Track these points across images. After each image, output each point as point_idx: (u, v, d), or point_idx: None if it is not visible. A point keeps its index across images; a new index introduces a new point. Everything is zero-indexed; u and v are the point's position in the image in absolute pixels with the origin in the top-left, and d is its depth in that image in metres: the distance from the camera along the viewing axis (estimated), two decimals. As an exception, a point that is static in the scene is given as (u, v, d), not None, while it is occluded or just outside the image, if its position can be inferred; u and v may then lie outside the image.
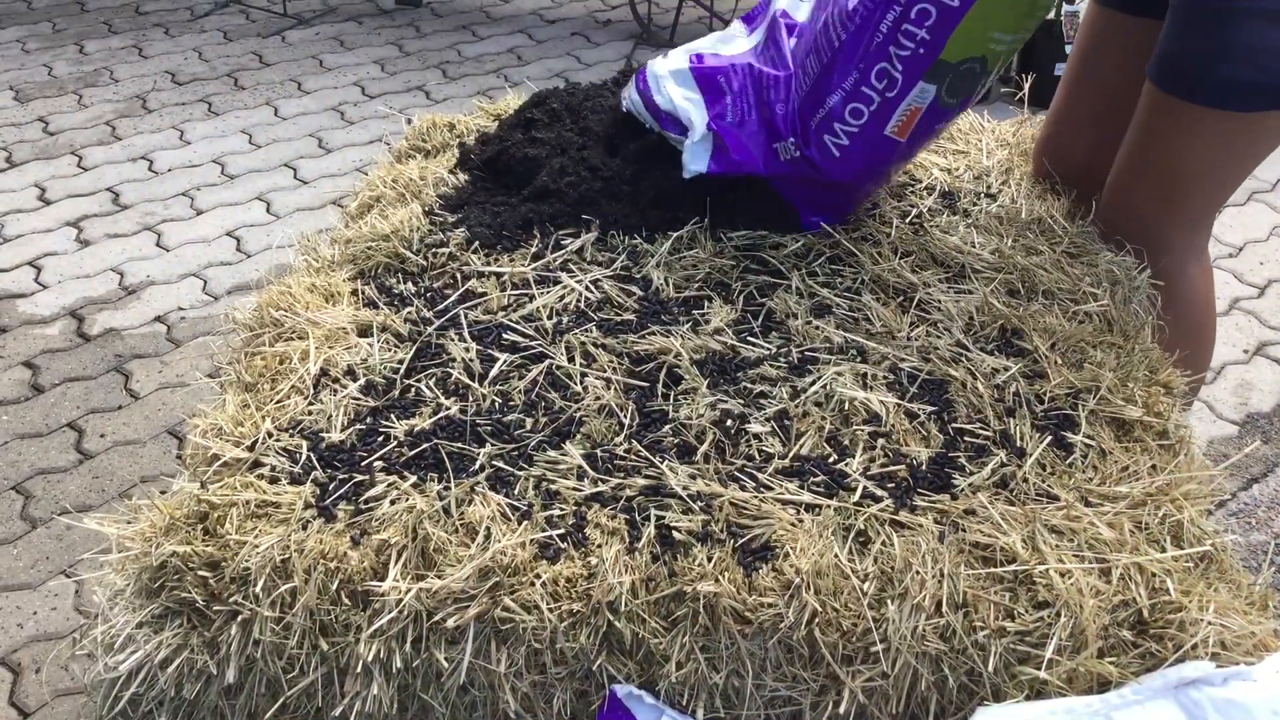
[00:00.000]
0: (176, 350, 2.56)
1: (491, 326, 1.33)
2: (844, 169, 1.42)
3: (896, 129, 1.37)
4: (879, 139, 1.38)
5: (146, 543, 1.08)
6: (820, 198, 1.48)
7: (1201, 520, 1.11)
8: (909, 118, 1.36)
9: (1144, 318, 1.46)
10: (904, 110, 1.36)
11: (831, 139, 1.40)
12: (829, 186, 1.45)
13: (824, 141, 1.40)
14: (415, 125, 1.87)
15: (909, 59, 1.32)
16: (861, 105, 1.37)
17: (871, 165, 1.42)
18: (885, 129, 1.37)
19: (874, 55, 1.34)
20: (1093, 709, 0.95)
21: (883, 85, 1.35)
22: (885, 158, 1.42)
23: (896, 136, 1.38)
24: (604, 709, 1.03)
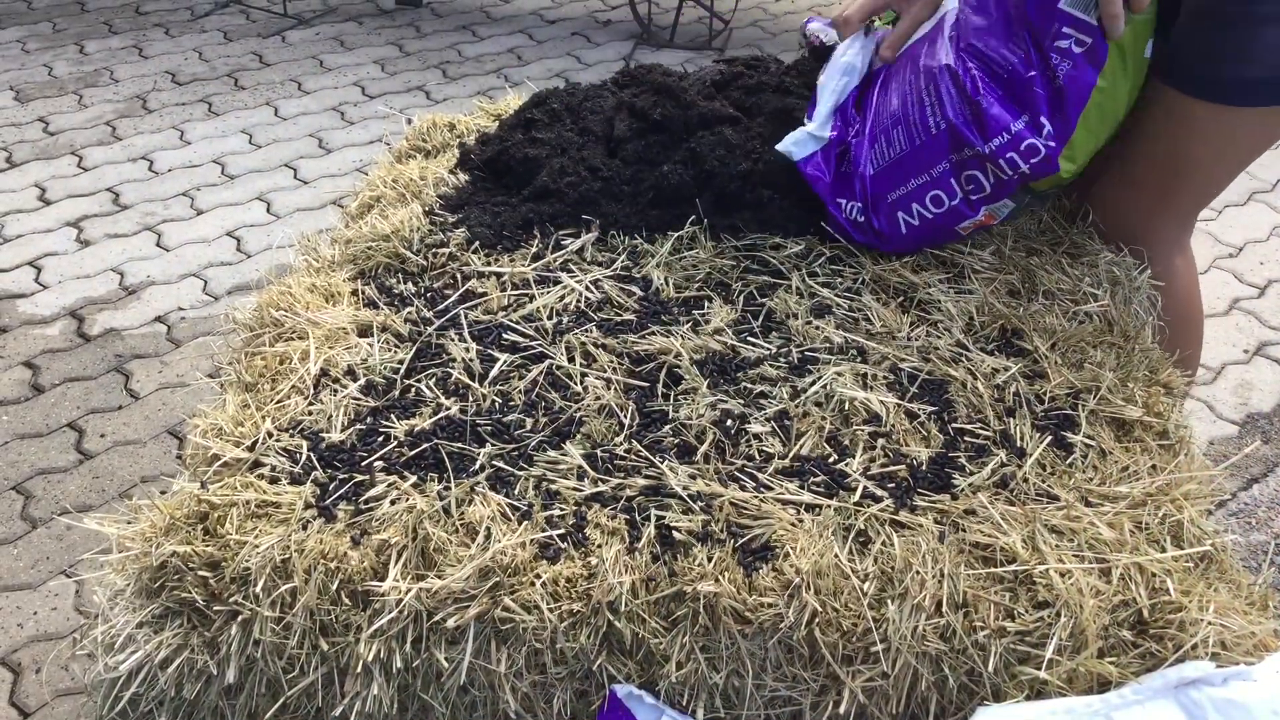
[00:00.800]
0: (176, 350, 2.56)
1: (491, 326, 1.33)
2: (904, 242, 1.44)
3: (970, 226, 1.40)
4: (949, 231, 1.41)
5: (146, 543, 1.08)
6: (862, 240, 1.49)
7: (1201, 520, 1.11)
8: (984, 220, 1.39)
9: (1144, 318, 1.46)
10: (982, 215, 1.38)
11: (905, 216, 1.41)
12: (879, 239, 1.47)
13: (896, 217, 1.41)
14: (415, 125, 1.87)
15: (1004, 181, 1.34)
16: (944, 195, 1.38)
17: (929, 242, 1.45)
18: (958, 225, 1.40)
19: (972, 162, 1.35)
20: (1093, 709, 0.95)
21: (970, 188, 1.36)
22: (946, 239, 1.45)
23: (963, 231, 1.41)
24: (604, 709, 1.03)
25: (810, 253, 1.47)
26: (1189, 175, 1.49)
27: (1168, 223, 1.56)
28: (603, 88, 1.75)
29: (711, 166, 1.49)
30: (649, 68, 1.75)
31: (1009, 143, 1.31)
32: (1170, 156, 1.48)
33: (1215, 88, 1.39)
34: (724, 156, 1.49)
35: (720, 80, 1.70)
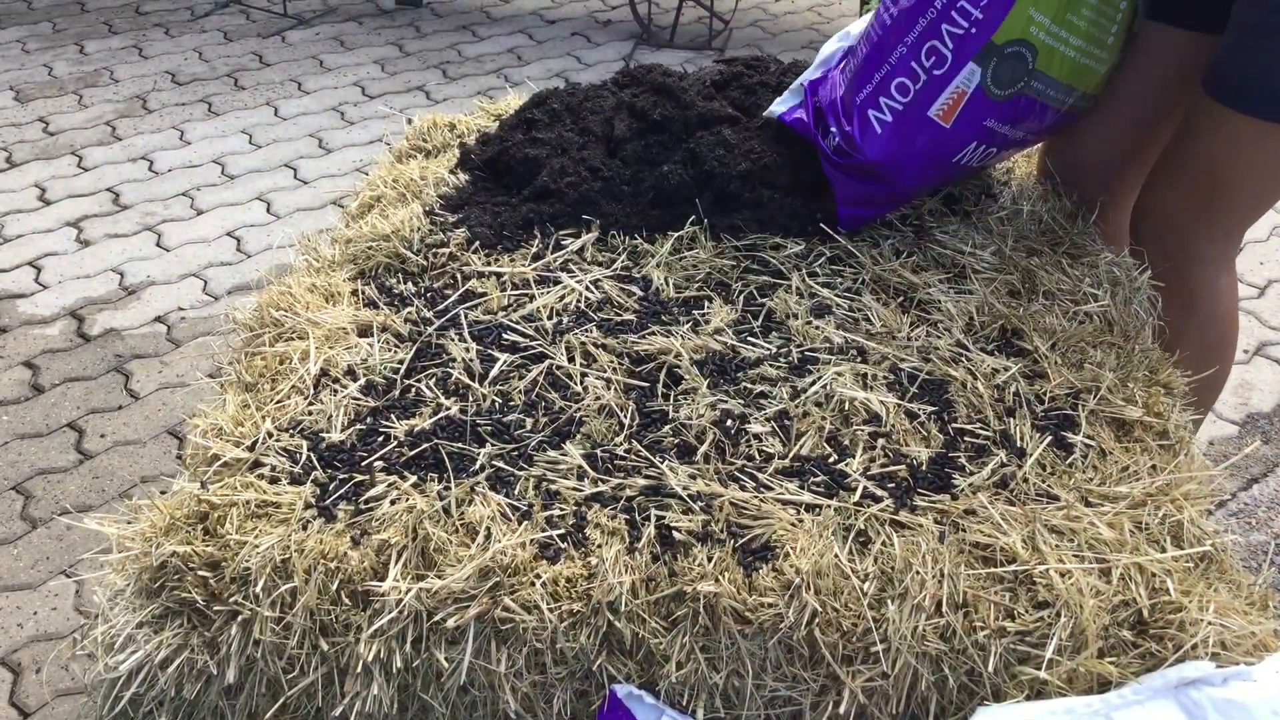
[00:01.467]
0: (176, 350, 2.56)
1: (491, 326, 1.33)
2: (884, 147, 1.40)
3: (941, 112, 1.36)
4: (922, 119, 1.37)
5: (146, 543, 1.08)
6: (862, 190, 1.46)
7: (1201, 520, 1.11)
8: (954, 101, 1.35)
9: (1144, 318, 1.46)
10: (951, 92, 1.34)
11: (875, 114, 1.38)
12: (871, 175, 1.43)
13: (867, 116, 1.39)
14: (415, 125, 1.87)
15: (961, 37, 1.32)
16: (908, 81, 1.36)
17: (912, 148, 1.40)
18: (930, 110, 1.36)
19: (926, 32, 1.33)
20: (1093, 709, 0.95)
21: (931, 63, 1.34)
22: (929, 143, 1.39)
23: (940, 120, 1.37)
24: (604, 709, 1.03)
25: (810, 253, 1.47)
26: (1237, 192, 1.48)
27: (1215, 239, 1.55)
28: (603, 88, 1.75)
29: (711, 166, 1.49)
30: (649, 68, 1.75)
31: None
32: (1219, 173, 1.47)
33: (1266, 104, 1.39)
34: (723, 156, 1.49)
35: (720, 80, 1.70)
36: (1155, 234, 1.57)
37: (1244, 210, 1.52)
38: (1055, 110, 1.44)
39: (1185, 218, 1.53)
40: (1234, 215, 1.53)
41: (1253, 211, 1.53)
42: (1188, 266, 1.55)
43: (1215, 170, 1.47)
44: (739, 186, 1.49)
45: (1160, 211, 1.56)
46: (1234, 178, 1.47)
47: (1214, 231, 1.54)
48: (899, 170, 1.42)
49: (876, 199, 1.47)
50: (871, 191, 1.45)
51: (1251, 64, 1.38)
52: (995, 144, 1.44)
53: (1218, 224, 1.53)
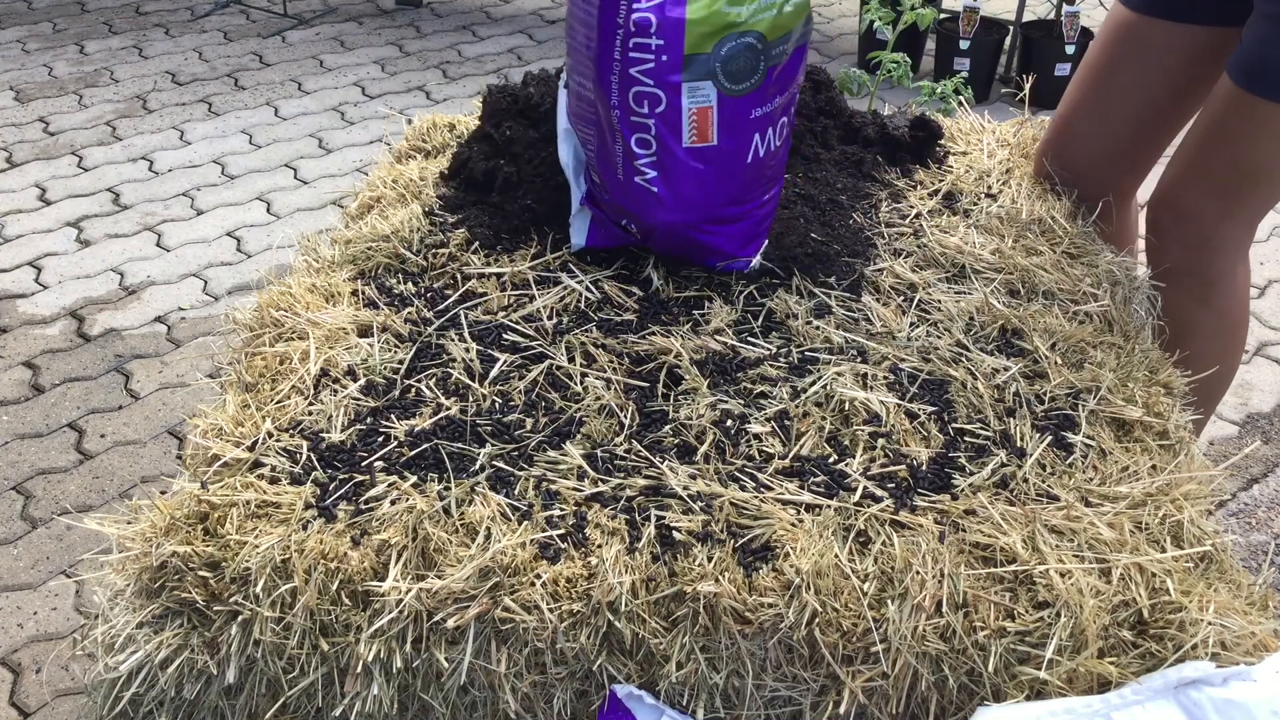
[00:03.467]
0: (177, 350, 2.56)
1: (491, 327, 1.33)
2: (682, 201, 1.33)
3: (695, 136, 1.29)
4: (684, 154, 1.30)
5: (147, 543, 1.08)
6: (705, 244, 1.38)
7: (1201, 520, 1.11)
8: (700, 120, 1.28)
9: (1144, 318, 1.46)
10: (690, 116, 1.28)
11: (641, 179, 1.32)
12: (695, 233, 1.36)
13: (636, 184, 1.32)
14: (415, 125, 1.87)
15: (654, 70, 1.25)
16: (644, 134, 1.30)
17: (706, 181, 1.32)
18: (683, 143, 1.29)
19: (625, 82, 1.27)
20: (1093, 709, 0.95)
21: (645, 108, 1.28)
22: (712, 168, 1.32)
23: (700, 144, 1.30)
24: (604, 709, 1.03)
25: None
26: (1262, 181, 1.49)
27: (1239, 226, 1.56)
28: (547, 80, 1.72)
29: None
30: None
31: (624, 30, 1.23)
32: (1249, 162, 1.47)
33: None
34: None
35: None
36: (1175, 224, 1.56)
37: (1267, 199, 1.53)
38: (803, 49, 1.36)
39: (1209, 207, 1.53)
40: (1258, 204, 1.53)
41: (1273, 198, 1.53)
42: (1206, 256, 1.55)
43: (1245, 159, 1.47)
44: None
45: (1183, 201, 1.55)
46: (1263, 167, 1.47)
47: (1236, 220, 1.55)
48: (699, 208, 1.35)
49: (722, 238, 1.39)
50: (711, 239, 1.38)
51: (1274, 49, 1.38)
52: (778, 118, 1.35)
53: (1241, 213, 1.54)
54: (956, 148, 1.79)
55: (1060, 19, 3.69)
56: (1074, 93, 1.69)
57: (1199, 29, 1.53)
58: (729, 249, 1.39)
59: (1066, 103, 1.70)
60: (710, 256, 1.40)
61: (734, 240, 1.39)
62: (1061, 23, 3.68)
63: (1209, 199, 1.53)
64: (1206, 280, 1.57)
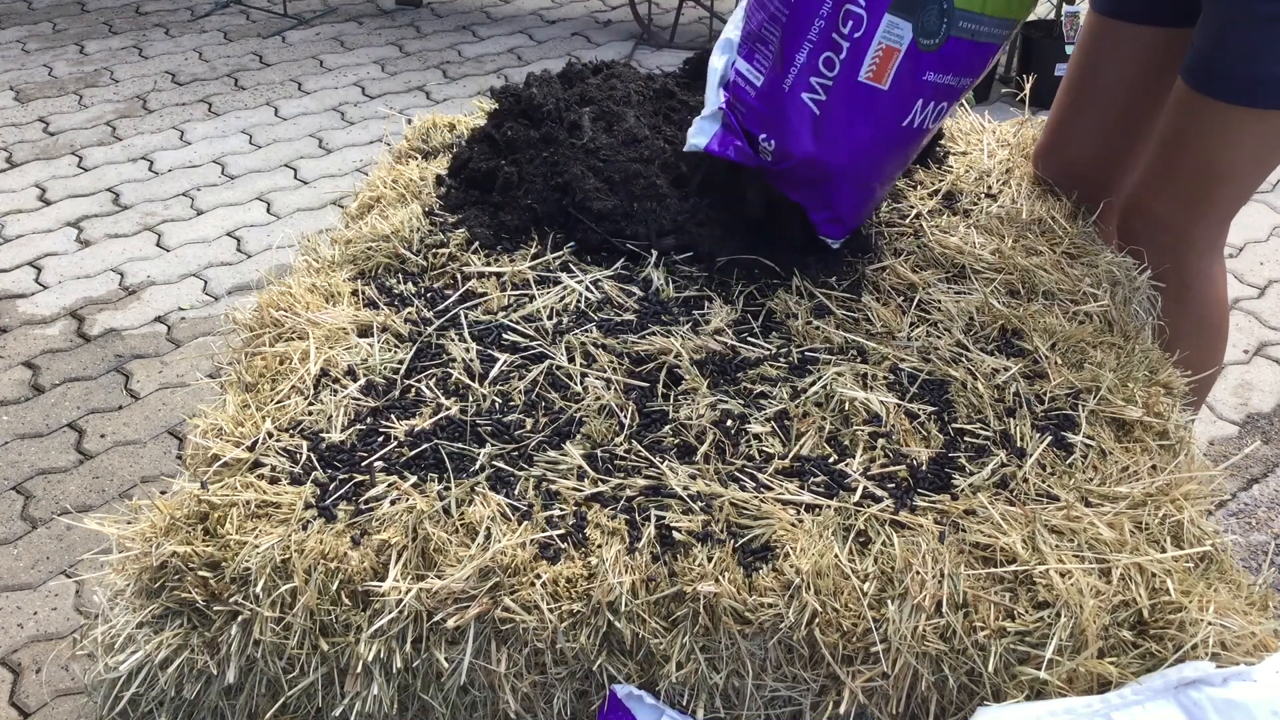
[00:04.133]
0: (177, 350, 2.56)
1: (491, 327, 1.33)
2: (825, 132, 1.33)
3: (872, 73, 1.29)
4: (856, 87, 1.30)
5: (147, 543, 1.08)
6: (826, 193, 1.39)
7: (1201, 520, 1.11)
8: (883, 59, 1.29)
9: (1144, 318, 1.46)
10: (876, 50, 1.28)
11: (809, 95, 1.31)
12: (825, 179, 1.37)
13: (801, 101, 1.32)
14: (416, 125, 1.87)
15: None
16: (832, 54, 1.29)
17: (855, 123, 1.33)
18: (860, 74, 1.29)
19: (839, 2, 1.27)
20: (1093, 709, 0.95)
21: (848, 28, 1.27)
22: (870, 110, 1.32)
23: (873, 82, 1.30)
24: (604, 709, 1.03)
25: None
26: (1226, 180, 1.49)
27: (1209, 228, 1.56)
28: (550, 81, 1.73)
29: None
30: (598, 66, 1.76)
31: None
32: (1210, 164, 1.47)
33: (1248, 91, 1.39)
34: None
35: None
36: (1149, 229, 1.57)
37: (1236, 197, 1.53)
38: (997, 47, 1.38)
39: (1178, 210, 1.53)
40: (1226, 203, 1.53)
41: (1242, 197, 1.54)
42: (1183, 258, 1.56)
43: (1207, 161, 1.47)
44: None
45: (1152, 206, 1.56)
46: (1225, 167, 1.47)
47: (1208, 221, 1.55)
48: (851, 158, 1.35)
49: (845, 194, 1.39)
50: (835, 190, 1.38)
51: (1230, 52, 1.38)
52: (942, 98, 1.37)
53: (1211, 214, 1.54)
54: (956, 148, 1.79)
55: (1060, 19, 3.69)
56: (1061, 98, 1.71)
57: (1159, 30, 1.54)
58: (836, 214, 1.39)
59: (1056, 107, 1.71)
60: (817, 209, 1.39)
61: (843, 207, 1.38)
62: (1061, 23, 3.68)
63: (1177, 202, 1.53)
64: (1183, 282, 1.57)
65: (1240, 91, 1.39)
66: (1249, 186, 1.51)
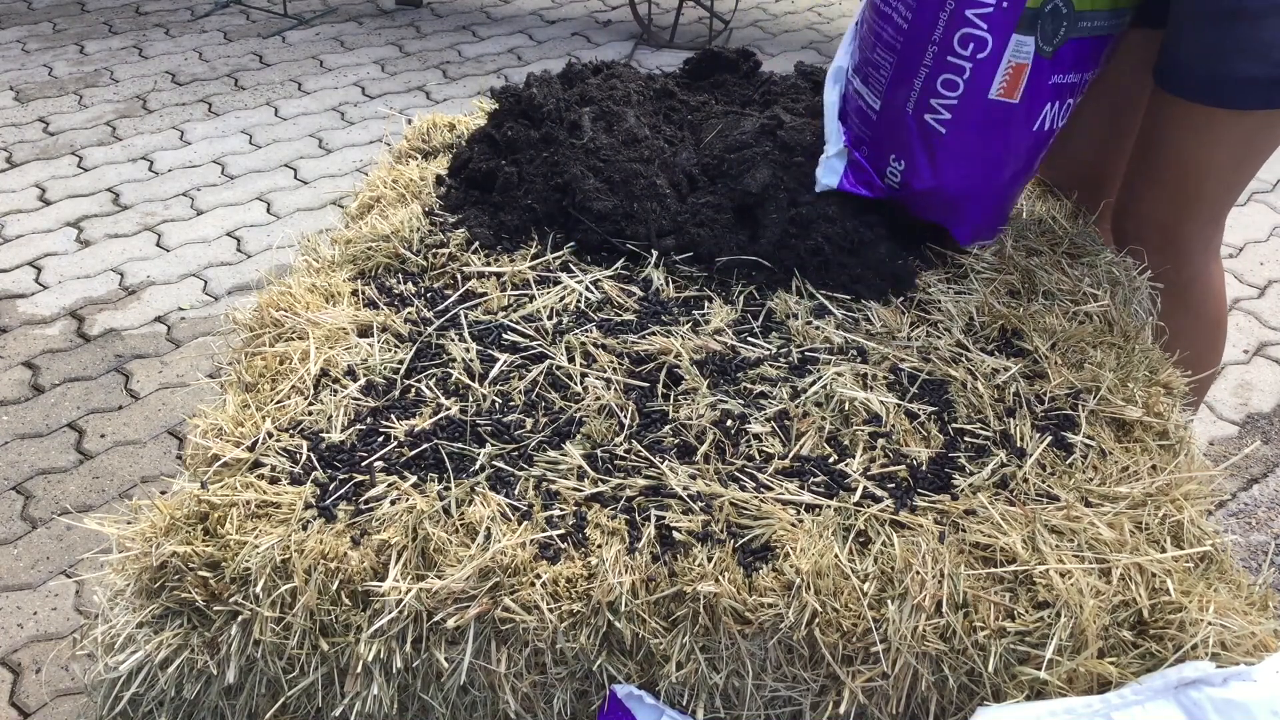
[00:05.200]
0: (177, 350, 2.56)
1: (491, 327, 1.33)
2: (954, 153, 1.36)
3: (1003, 89, 1.32)
4: (988, 105, 1.34)
5: (147, 543, 1.08)
6: (961, 212, 1.43)
7: (1201, 520, 1.11)
8: (1013, 75, 1.32)
9: (1144, 318, 1.46)
10: (1005, 69, 1.31)
11: (932, 118, 1.35)
12: (962, 200, 1.40)
13: (925, 123, 1.36)
14: (416, 125, 1.87)
15: (992, 15, 1.29)
16: (953, 75, 1.32)
17: (990, 136, 1.36)
18: (990, 93, 1.33)
19: (955, 22, 1.30)
20: (1093, 709, 0.95)
21: (969, 50, 1.31)
22: (1005, 128, 1.36)
23: (1005, 98, 1.33)
24: (604, 709, 1.03)
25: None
26: (1207, 179, 1.48)
27: (1200, 226, 1.56)
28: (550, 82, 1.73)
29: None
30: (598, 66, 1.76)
31: None
32: (1190, 165, 1.47)
33: (1213, 91, 1.38)
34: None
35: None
36: (1139, 233, 1.57)
37: (1220, 197, 1.52)
38: (1113, 38, 1.40)
39: (1166, 213, 1.53)
40: (1214, 202, 1.53)
41: (1229, 195, 1.53)
42: (1176, 260, 1.56)
43: (1184, 162, 1.47)
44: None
45: (1140, 210, 1.56)
46: (1204, 166, 1.47)
47: (1197, 220, 1.55)
48: (976, 172, 1.39)
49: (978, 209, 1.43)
50: (970, 206, 1.42)
51: (1190, 51, 1.38)
52: (1067, 96, 1.40)
53: (1198, 213, 1.54)
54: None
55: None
56: None
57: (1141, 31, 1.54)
58: (973, 227, 1.43)
59: None
60: (955, 225, 1.43)
61: (979, 219, 1.42)
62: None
63: (1162, 203, 1.53)
64: (1182, 283, 1.57)
65: (1205, 91, 1.39)
66: (1232, 185, 1.51)
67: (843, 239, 1.42)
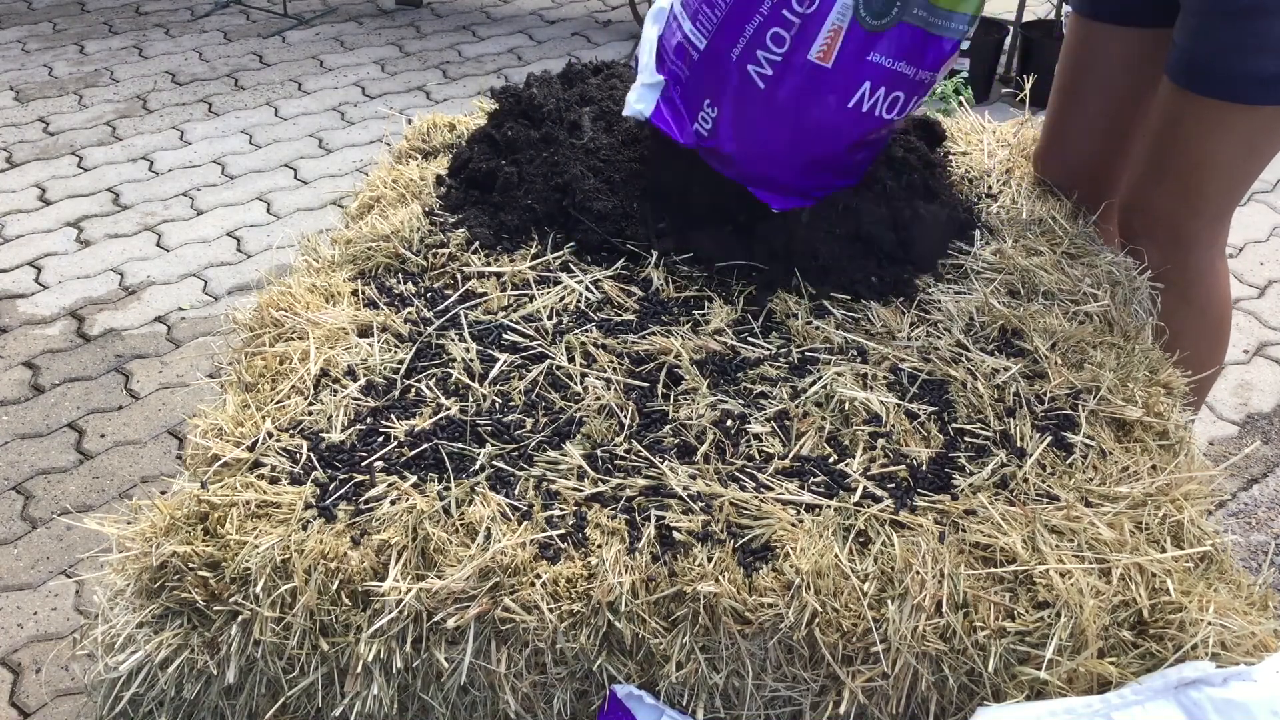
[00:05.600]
0: (176, 350, 2.56)
1: (491, 327, 1.33)
2: (766, 105, 1.33)
3: (821, 52, 1.30)
4: (804, 65, 1.31)
5: (147, 543, 1.08)
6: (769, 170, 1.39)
7: (1201, 520, 1.11)
8: (831, 39, 1.29)
9: (1144, 318, 1.46)
10: (827, 31, 1.29)
11: (755, 68, 1.32)
12: (768, 156, 1.36)
13: (747, 72, 1.32)
14: (416, 125, 1.87)
15: None
16: (782, 30, 1.30)
17: (806, 101, 1.33)
18: (810, 53, 1.30)
19: None
20: (1093, 709, 0.95)
21: (803, 6, 1.28)
22: (815, 93, 1.33)
23: (820, 61, 1.30)
24: (604, 709, 1.03)
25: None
26: (1218, 175, 1.49)
27: (1207, 223, 1.56)
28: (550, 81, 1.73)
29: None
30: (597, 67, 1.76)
31: None
32: (1200, 160, 1.47)
33: (1228, 86, 1.39)
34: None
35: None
36: (1147, 228, 1.57)
37: (1229, 192, 1.53)
38: (947, 41, 1.37)
39: (1175, 208, 1.54)
40: (1222, 198, 1.54)
41: (1238, 191, 1.54)
42: (1182, 255, 1.56)
43: (1197, 157, 1.47)
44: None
45: (1149, 206, 1.56)
46: (1215, 162, 1.47)
47: (1204, 217, 1.55)
48: (782, 132, 1.35)
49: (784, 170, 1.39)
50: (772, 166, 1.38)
51: (1207, 48, 1.39)
52: (894, 86, 1.35)
53: (1206, 209, 1.54)
54: (956, 148, 1.79)
55: (1060, 19, 3.69)
56: (1054, 101, 1.72)
57: (1138, 31, 1.55)
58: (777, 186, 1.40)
59: (1050, 111, 1.72)
60: (754, 184, 1.40)
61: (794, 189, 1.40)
62: (1061, 23, 3.68)
63: (1171, 199, 1.53)
64: (1187, 279, 1.57)
65: (1221, 87, 1.39)
66: (1242, 181, 1.52)
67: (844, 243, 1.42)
